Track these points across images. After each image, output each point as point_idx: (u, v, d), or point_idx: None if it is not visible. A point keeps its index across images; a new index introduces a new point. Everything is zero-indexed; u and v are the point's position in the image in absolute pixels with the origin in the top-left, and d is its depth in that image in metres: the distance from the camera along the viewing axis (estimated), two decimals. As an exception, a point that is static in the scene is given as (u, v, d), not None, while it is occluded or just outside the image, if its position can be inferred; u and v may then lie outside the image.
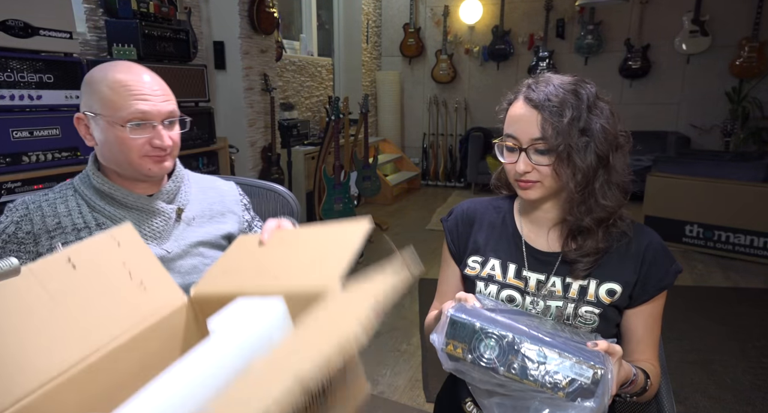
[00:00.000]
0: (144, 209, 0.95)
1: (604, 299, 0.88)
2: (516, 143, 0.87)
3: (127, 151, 0.90)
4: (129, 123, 0.88)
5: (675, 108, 5.08)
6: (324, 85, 5.07)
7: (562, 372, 0.68)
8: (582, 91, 0.84)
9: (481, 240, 1.00)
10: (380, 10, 6.02)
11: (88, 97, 0.90)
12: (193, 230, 1.01)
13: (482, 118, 5.84)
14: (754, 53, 4.55)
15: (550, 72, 0.91)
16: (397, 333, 2.48)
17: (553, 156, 0.84)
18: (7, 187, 1.78)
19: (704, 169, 3.67)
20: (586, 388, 0.67)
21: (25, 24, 1.77)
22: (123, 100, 0.87)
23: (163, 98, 0.92)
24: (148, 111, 0.89)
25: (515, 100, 0.89)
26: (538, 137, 0.84)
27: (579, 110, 0.83)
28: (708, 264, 3.38)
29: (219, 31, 3.27)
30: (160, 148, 0.91)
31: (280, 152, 3.69)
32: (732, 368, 2.14)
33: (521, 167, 0.86)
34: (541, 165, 0.85)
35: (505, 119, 0.91)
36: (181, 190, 1.03)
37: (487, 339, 0.72)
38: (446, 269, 1.08)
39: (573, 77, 0.88)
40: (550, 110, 0.83)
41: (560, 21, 5.27)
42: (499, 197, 1.06)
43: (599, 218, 0.87)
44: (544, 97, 0.83)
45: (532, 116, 0.84)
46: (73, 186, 0.97)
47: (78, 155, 1.99)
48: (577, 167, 0.83)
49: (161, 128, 0.92)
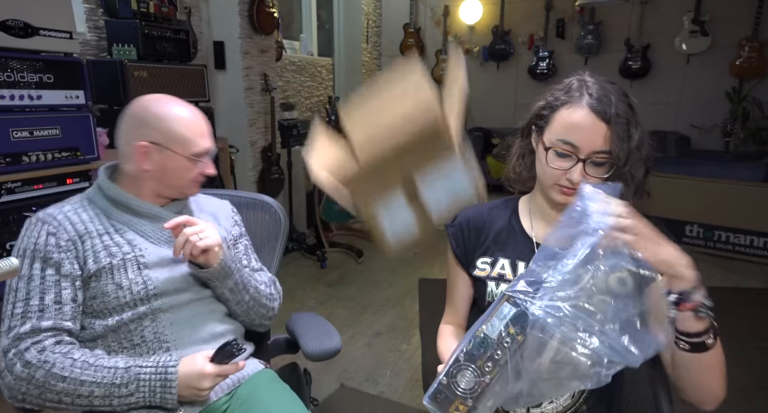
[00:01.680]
0: (156, 217, 1.06)
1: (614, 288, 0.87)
2: (574, 151, 0.84)
3: (187, 178, 1.05)
4: (199, 158, 1.04)
5: (675, 108, 5.08)
6: (324, 85, 5.07)
7: None
8: (635, 106, 0.86)
9: (489, 242, 1.00)
10: (380, 10, 6.02)
11: (149, 128, 1.00)
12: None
13: (482, 118, 5.84)
14: (754, 53, 4.55)
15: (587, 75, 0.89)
16: (397, 333, 2.48)
17: (609, 169, 0.84)
18: (7, 187, 1.78)
19: (704, 169, 3.67)
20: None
21: (25, 24, 1.77)
22: (193, 137, 1.03)
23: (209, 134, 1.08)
24: (207, 149, 1.06)
25: (573, 104, 0.85)
26: (604, 151, 0.82)
27: (640, 127, 0.84)
28: (708, 264, 3.38)
29: (219, 31, 3.27)
30: (207, 177, 1.08)
31: (280, 152, 3.69)
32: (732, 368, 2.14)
33: (576, 177, 0.84)
34: (596, 177, 0.84)
35: (553, 119, 0.87)
36: (187, 204, 1.16)
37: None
38: (455, 277, 1.07)
39: (616, 85, 0.87)
40: (620, 126, 0.81)
41: (560, 21, 5.26)
42: (498, 201, 1.06)
43: None
44: (613, 111, 0.81)
45: (599, 128, 0.82)
46: (88, 198, 1.06)
47: (78, 155, 1.99)
48: (633, 182, 0.85)
49: (209, 160, 1.08)
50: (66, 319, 0.94)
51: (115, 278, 0.98)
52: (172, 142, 1.01)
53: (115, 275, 0.98)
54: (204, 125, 1.06)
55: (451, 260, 1.07)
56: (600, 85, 0.85)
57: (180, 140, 1.01)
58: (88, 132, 2.03)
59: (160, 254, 1.03)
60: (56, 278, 0.95)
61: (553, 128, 0.87)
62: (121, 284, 0.98)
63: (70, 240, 0.97)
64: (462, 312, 1.08)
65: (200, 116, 1.06)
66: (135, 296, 0.98)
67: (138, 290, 0.99)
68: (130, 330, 0.99)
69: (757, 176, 3.48)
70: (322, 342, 1.16)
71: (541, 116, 0.90)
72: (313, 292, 3.04)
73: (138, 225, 1.04)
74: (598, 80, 0.87)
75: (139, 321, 0.99)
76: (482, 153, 5.33)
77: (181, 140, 1.01)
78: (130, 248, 1.01)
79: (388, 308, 2.78)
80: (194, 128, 1.03)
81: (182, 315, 1.04)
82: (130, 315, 0.98)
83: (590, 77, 0.88)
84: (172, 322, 1.02)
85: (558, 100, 0.87)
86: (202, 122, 1.06)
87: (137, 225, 1.04)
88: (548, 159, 0.87)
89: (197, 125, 1.04)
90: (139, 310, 0.99)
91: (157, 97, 1.04)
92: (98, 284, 0.97)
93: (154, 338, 1.00)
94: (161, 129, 1.01)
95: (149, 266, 1.01)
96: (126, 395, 0.90)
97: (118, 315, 0.98)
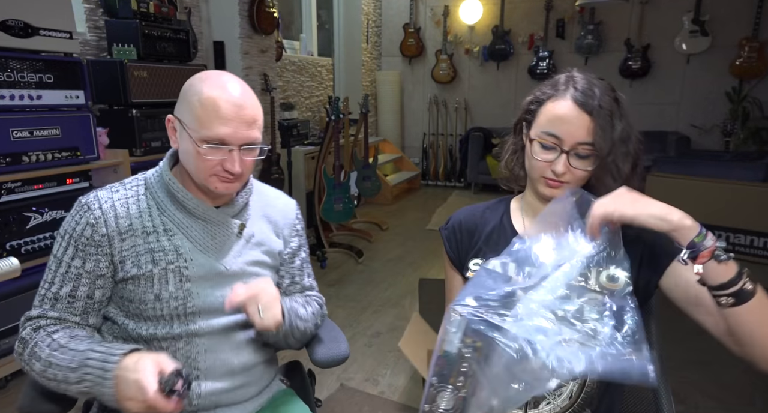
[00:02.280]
0: (210, 221, 0.96)
1: (606, 285, 0.86)
2: (558, 143, 0.85)
3: (199, 166, 0.90)
4: (206, 144, 0.88)
5: (675, 108, 5.08)
6: (324, 85, 5.07)
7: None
8: (621, 100, 0.86)
9: (480, 243, 1.00)
10: (380, 10, 6.02)
11: (182, 103, 0.91)
12: (251, 247, 1.01)
13: (482, 118, 5.84)
14: (754, 53, 4.55)
15: (576, 71, 0.90)
16: (397, 333, 2.48)
17: (594, 162, 0.84)
18: (7, 187, 1.78)
19: (704, 169, 3.67)
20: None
21: (25, 24, 1.77)
22: (208, 120, 0.87)
23: (248, 125, 0.90)
24: (226, 137, 0.88)
25: (557, 98, 0.86)
26: (587, 143, 0.83)
27: (624, 119, 0.84)
28: (708, 264, 3.38)
29: (219, 31, 3.27)
30: (230, 172, 0.91)
31: (280, 152, 3.69)
32: (732, 368, 2.14)
33: (560, 169, 0.85)
34: (581, 169, 0.85)
35: (539, 112, 0.89)
36: (247, 205, 1.03)
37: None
38: (451, 280, 1.08)
39: (605, 81, 0.88)
40: (603, 117, 0.82)
41: (560, 21, 5.27)
42: (493, 201, 1.06)
43: None
44: (597, 103, 0.82)
45: (582, 120, 0.83)
46: (146, 184, 0.97)
47: (78, 155, 1.99)
48: (619, 175, 0.85)
49: (236, 152, 0.90)
50: (76, 313, 0.91)
51: (155, 287, 0.91)
52: (188, 119, 0.89)
53: (155, 284, 0.91)
54: (233, 109, 0.87)
55: (446, 262, 1.08)
56: (587, 80, 0.86)
57: (194, 118, 0.88)
58: (88, 132, 2.03)
59: (206, 266, 0.94)
60: (79, 272, 0.90)
61: (539, 121, 0.89)
62: (160, 296, 0.91)
63: (107, 236, 0.90)
64: None
65: (239, 100, 0.88)
66: (172, 311, 0.92)
67: (176, 305, 0.92)
68: (162, 347, 0.92)
69: (757, 176, 3.47)
70: (330, 348, 1.11)
71: (529, 111, 0.92)
72: (313, 292, 3.03)
73: (189, 228, 0.95)
74: (587, 76, 0.88)
75: (173, 341, 0.93)
76: (482, 153, 5.34)
77: (194, 118, 0.88)
78: (175, 255, 0.92)
79: (388, 308, 2.78)
80: (216, 109, 0.86)
81: (218, 342, 0.96)
82: (164, 333, 0.92)
83: (579, 73, 0.89)
84: (206, 349, 0.94)
85: (545, 95, 0.89)
86: (234, 105, 0.88)
87: (188, 228, 0.95)
88: (533, 151, 0.88)
89: (222, 107, 0.87)
90: (174, 331, 0.92)
91: (217, 72, 0.92)
92: (136, 289, 0.91)
93: (186, 362, 0.93)
94: (186, 103, 0.90)
95: (192, 280, 0.93)
96: (76, 381, 0.81)
97: (153, 325, 0.92)
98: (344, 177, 3.62)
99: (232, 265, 0.97)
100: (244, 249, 1.00)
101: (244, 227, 1.00)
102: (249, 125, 0.91)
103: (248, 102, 0.90)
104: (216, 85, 0.88)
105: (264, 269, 1.03)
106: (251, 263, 1.00)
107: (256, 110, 0.92)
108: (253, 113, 0.91)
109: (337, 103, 3.47)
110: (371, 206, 5.04)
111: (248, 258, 1.00)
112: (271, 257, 1.05)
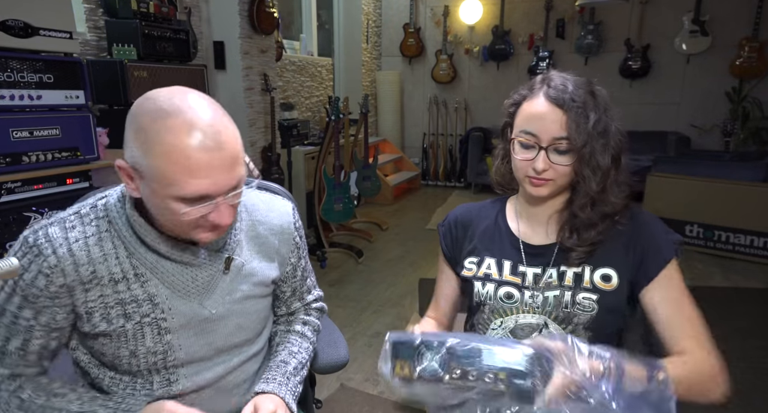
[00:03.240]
0: (189, 263, 0.80)
1: (600, 284, 0.88)
2: (535, 140, 0.86)
3: (177, 224, 0.73)
4: (182, 205, 0.70)
5: (675, 108, 5.08)
6: (324, 85, 5.07)
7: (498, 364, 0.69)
8: (598, 93, 0.87)
9: (476, 242, 1.01)
10: (380, 10, 6.02)
11: (135, 150, 0.69)
12: (241, 281, 0.87)
13: (482, 118, 5.84)
14: (754, 53, 4.55)
15: (554, 71, 0.91)
16: (397, 333, 2.48)
17: (573, 156, 0.85)
18: (7, 187, 1.78)
19: (704, 169, 3.67)
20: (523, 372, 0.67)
21: (25, 24, 1.77)
22: (177, 177, 0.67)
23: (229, 168, 0.70)
24: (206, 191, 0.69)
25: (532, 97, 0.88)
26: (563, 137, 0.84)
27: (599, 111, 0.85)
28: (708, 264, 3.38)
29: (219, 31, 3.27)
30: (217, 225, 0.74)
31: (280, 152, 3.69)
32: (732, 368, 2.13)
33: (540, 166, 0.85)
34: (560, 164, 0.85)
35: (517, 114, 0.91)
36: (232, 231, 0.86)
37: (429, 351, 0.72)
38: (441, 275, 1.09)
39: (583, 78, 0.89)
40: (575, 110, 0.83)
41: (560, 21, 5.27)
42: (490, 201, 1.07)
43: (605, 213, 0.88)
44: (569, 97, 0.83)
45: (555, 115, 0.84)
46: (108, 217, 0.79)
47: (78, 155, 1.99)
48: (598, 168, 0.85)
49: (223, 203, 0.72)
50: (29, 366, 0.79)
51: (129, 344, 0.78)
52: (149, 172, 0.68)
53: (130, 340, 0.78)
54: (206, 157, 0.67)
55: (440, 259, 1.09)
56: (562, 77, 0.88)
57: (157, 174, 0.68)
58: (88, 132, 2.03)
59: (188, 314, 0.81)
60: (30, 324, 0.75)
61: (517, 121, 0.90)
62: (136, 352, 0.79)
63: (65, 286, 0.74)
64: (444, 310, 1.09)
65: (212, 143, 0.68)
66: (151, 366, 0.81)
67: (155, 361, 0.80)
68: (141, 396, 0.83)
69: (757, 176, 3.47)
70: (329, 354, 1.07)
71: (509, 114, 0.93)
72: (313, 292, 3.03)
73: (164, 273, 0.79)
74: (563, 74, 0.89)
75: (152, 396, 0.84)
76: (482, 153, 5.34)
77: (158, 173, 0.67)
78: (151, 306, 0.78)
79: (388, 308, 2.78)
80: (186, 161, 0.66)
81: (205, 393, 0.87)
82: (143, 393, 0.82)
83: (556, 73, 0.90)
84: (192, 403, 0.85)
85: (521, 96, 0.91)
86: (210, 152, 0.67)
87: (164, 273, 0.79)
88: (514, 151, 0.89)
89: (194, 157, 0.66)
90: (155, 392, 0.82)
91: (173, 98, 0.70)
92: (109, 343, 0.79)
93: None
94: (143, 151, 0.68)
95: (172, 331, 0.80)
96: None
97: (131, 383, 0.83)
98: (344, 177, 3.62)
99: (218, 307, 0.84)
100: (232, 285, 0.86)
101: (231, 260, 0.85)
102: (231, 167, 0.70)
103: (223, 137, 0.69)
104: (179, 126, 0.67)
105: (256, 302, 0.91)
106: (241, 299, 0.87)
107: (234, 144, 0.71)
108: (233, 151, 0.70)
109: (337, 103, 3.47)
110: (371, 206, 5.04)
111: (238, 295, 0.87)
112: (265, 287, 0.92)
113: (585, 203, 0.88)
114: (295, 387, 0.93)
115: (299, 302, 1.06)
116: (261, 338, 0.96)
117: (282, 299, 1.03)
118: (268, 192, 0.99)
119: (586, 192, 0.87)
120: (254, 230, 0.91)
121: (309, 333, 1.04)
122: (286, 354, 0.97)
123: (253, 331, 0.92)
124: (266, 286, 0.93)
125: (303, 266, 1.02)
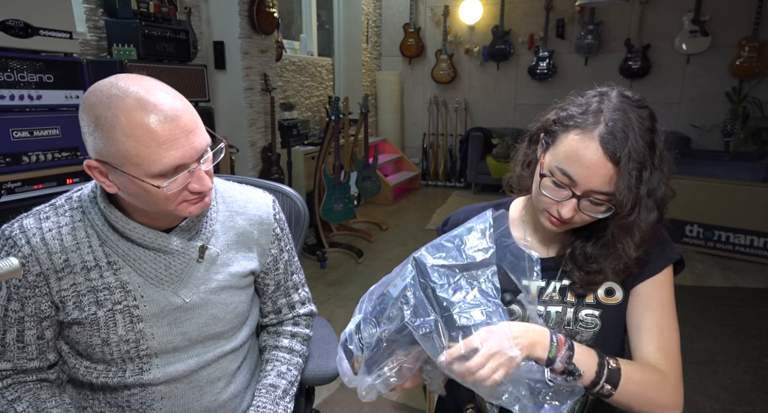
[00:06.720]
0: (163, 250, 0.81)
1: (604, 299, 0.85)
2: (571, 184, 0.75)
3: (162, 203, 0.75)
4: (163, 180, 0.72)
5: (675, 108, 5.08)
6: (324, 85, 5.07)
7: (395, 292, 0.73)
8: (657, 142, 0.76)
9: None
10: (380, 10, 6.02)
11: (99, 141, 0.70)
12: (216, 270, 0.87)
13: (482, 118, 5.84)
14: (754, 53, 4.55)
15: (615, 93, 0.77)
16: (397, 333, 2.47)
17: (609, 211, 0.75)
18: (7, 187, 1.78)
19: (704, 169, 3.67)
20: None
21: (25, 24, 1.77)
22: (149, 154, 0.69)
23: (192, 134, 0.73)
24: (179, 161, 0.72)
25: (584, 132, 0.73)
26: (605, 192, 0.73)
27: (655, 168, 0.75)
28: (708, 264, 3.38)
29: (219, 31, 3.27)
30: (200, 192, 0.77)
31: (280, 152, 3.69)
32: (732, 368, 2.14)
33: (567, 214, 0.76)
34: (590, 215, 0.76)
35: (560, 140, 0.77)
36: (206, 221, 0.86)
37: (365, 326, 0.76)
38: None
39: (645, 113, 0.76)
40: (629, 170, 0.71)
41: (560, 21, 5.27)
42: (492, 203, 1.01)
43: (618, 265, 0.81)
44: (626, 152, 0.71)
45: (605, 169, 0.72)
46: (82, 208, 0.80)
47: (78, 155, 1.99)
48: (639, 231, 0.76)
49: (198, 168, 0.75)
50: (31, 358, 0.80)
51: (101, 332, 0.79)
52: (119, 160, 0.70)
53: (102, 328, 0.79)
54: (170, 125, 0.70)
55: None
56: (622, 113, 0.73)
57: (130, 159, 0.70)
58: (88, 132, 2.03)
59: (161, 302, 0.81)
60: (20, 316, 0.78)
61: (557, 150, 0.77)
62: (108, 341, 0.79)
63: (42, 275, 0.76)
64: None
65: (170, 111, 0.70)
66: (123, 355, 0.81)
67: (127, 349, 0.80)
68: (115, 389, 0.83)
69: (757, 176, 3.47)
70: (318, 364, 1.04)
71: (549, 131, 0.80)
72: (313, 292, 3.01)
73: (137, 260, 0.80)
74: (623, 105, 0.74)
75: (126, 388, 0.83)
76: (482, 153, 5.34)
77: (128, 156, 0.69)
78: (123, 294, 0.79)
79: (388, 308, 2.78)
80: (152, 135, 0.69)
81: (177, 387, 0.86)
82: (116, 383, 0.82)
83: (616, 98, 0.76)
84: (163, 396, 0.84)
85: (570, 120, 0.76)
86: (167, 119, 0.70)
87: (136, 260, 0.79)
88: (542, 185, 0.78)
89: (159, 130, 0.69)
90: (126, 380, 0.82)
91: (113, 81, 0.71)
92: (82, 331, 0.80)
93: (141, 407, 0.84)
94: (105, 141, 0.70)
95: (145, 319, 0.81)
96: None
97: (104, 371, 0.83)
98: (344, 177, 3.62)
99: (192, 296, 0.84)
100: (207, 275, 0.86)
101: (205, 249, 0.85)
102: (194, 132, 0.73)
103: (177, 104, 0.72)
104: (133, 105, 0.69)
105: (233, 294, 0.90)
106: (217, 289, 0.87)
107: (189, 110, 0.74)
108: (190, 117, 0.73)
109: (337, 103, 3.47)
110: (371, 206, 5.04)
111: (213, 285, 0.86)
112: (243, 279, 0.91)
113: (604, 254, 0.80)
114: (285, 410, 0.93)
115: (284, 298, 1.03)
116: (239, 335, 0.93)
117: (266, 293, 1.00)
118: (249, 186, 1.00)
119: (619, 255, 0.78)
120: (232, 221, 0.91)
121: (298, 346, 1.03)
122: (274, 375, 0.96)
123: (228, 323, 0.90)
124: (244, 277, 0.92)
125: (286, 259, 1.00)
